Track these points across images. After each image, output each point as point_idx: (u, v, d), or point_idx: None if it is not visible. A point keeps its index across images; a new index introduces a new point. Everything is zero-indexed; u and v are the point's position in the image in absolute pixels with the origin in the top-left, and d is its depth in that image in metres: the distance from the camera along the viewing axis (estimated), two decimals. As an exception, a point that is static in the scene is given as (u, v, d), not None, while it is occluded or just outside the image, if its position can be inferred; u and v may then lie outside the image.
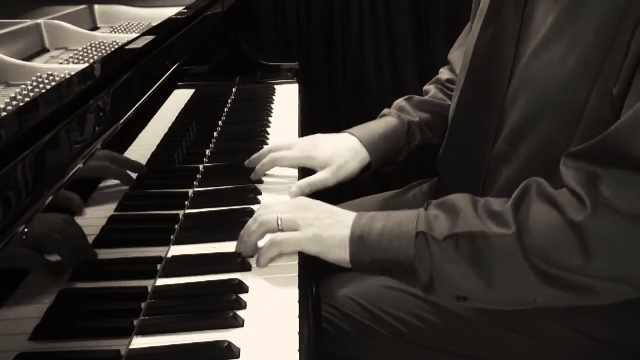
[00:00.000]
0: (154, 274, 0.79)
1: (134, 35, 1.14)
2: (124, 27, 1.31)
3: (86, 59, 1.01)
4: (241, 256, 0.83)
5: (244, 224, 0.85)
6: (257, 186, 1.03)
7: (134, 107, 0.79)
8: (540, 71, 0.83)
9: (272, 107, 1.44)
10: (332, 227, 0.82)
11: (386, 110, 1.16)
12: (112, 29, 1.31)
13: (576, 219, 0.71)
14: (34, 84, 0.83)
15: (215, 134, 1.25)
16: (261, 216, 0.83)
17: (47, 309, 0.58)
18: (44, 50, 1.14)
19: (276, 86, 1.61)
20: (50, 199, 0.55)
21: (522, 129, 0.86)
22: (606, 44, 0.75)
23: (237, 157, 1.11)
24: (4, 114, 0.70)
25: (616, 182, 0.70)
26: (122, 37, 1.16)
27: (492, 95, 0.90)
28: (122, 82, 0.79)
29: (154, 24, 1.17)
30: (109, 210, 0.73)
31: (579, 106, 0.78)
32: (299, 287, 0.78)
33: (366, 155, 1.06)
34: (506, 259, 0.74)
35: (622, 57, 0.74)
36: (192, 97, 1.17)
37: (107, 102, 0.74)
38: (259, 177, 1.05)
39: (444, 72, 1.23)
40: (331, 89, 2.06)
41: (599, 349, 0.88)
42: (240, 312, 0.72)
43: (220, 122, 1.31)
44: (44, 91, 0.79)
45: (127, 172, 0.79)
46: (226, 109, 1.41)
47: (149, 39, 0.97)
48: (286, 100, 1.51)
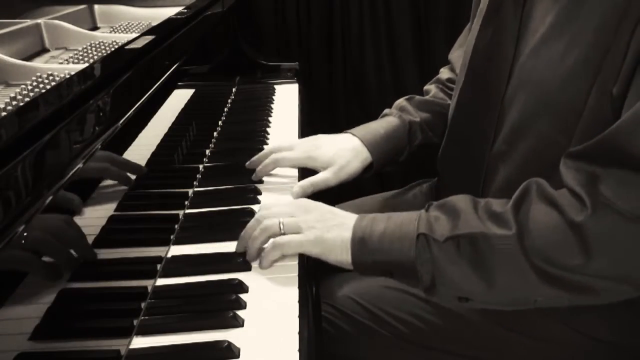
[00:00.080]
0: (154, 274, 0.79)
1: (134, 35, 1.14)
2: (124, 27, 1.31)
3: (86, 59, 1.01)
4: (241, 256, 0.83)
5: (244, 224, 0.85)
6: (257, 186, 1.03)
7: (134, 107, 0.79)
8: (539, 70, 0.83)
9: (272, 107, 1.44)
10: (334, 229, 0.82)
11: (387, 110, 1.16)
12: (112, 29, 1.31)
13: (576, 219, 0.71)
14: (34, 84, 0.83)
15: (215, 134, 1.25)
16: (263, 221, 0.83)
17: (47, 309, 0.58)
18: (44, 50, 1.14)
19: (276, 86, 1.61)
20: (50, 199, 0.55)
21: (521, 129, 0.86)
22: (605, 44, 0.75)
23: (237, 157, 1.11)
24: (4, 114, 0.70)
25: (616, 182, 0.70)
26: (122, 37, 1.16)
27: (491, 94, 0.90)
28: (122, 82, 0.79)
29: (154, 24, 1.17)
30: (109, 210, 0.73)
31: (578, 106, 0.78)
32: (299, 287, 0.78)
33: (368, 155, 1.07)
34: (507, 259, 0.74)
35: (621, 57, 0.74)
36: (192, 97, 1.17)
37: (107, 102, 0.74)
38: (261, 178, 1.05)
39: (444, 72, 1.23)
40: (331, 89, 2.06)
41: (599, 349, 0.88)
42: (240, 312, 0.72)
43: (220, 122, 1.31)
44: (44, 91, 0.79)
45: (126, 173, 0.79)
46: (226, 109, 1.41)
47: (149, 39, 0.97)
48: (286, 100, 1.51)
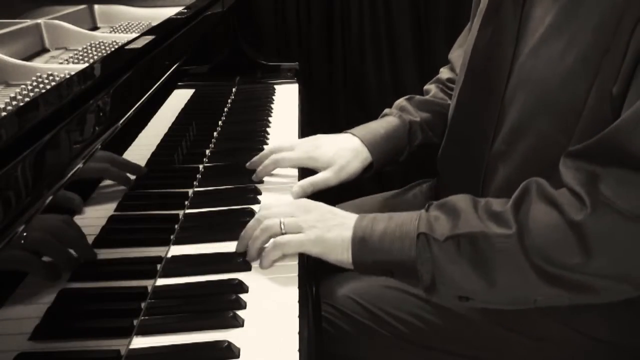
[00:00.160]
0: (154, 274, 0.79)
1: (134, 35, 1.14)
2: (124, 27, 1.31)
3: (86, 59, 1.01)
4: (241, 256, 0.83)
5: (244, 224, 0.85)
6: (257, 186, 1.03)
7: (134, 107, 0.79)
8: (538, 70, 0.83)
9: (272, 107, 1.43)
10: (334, 229, 0.82)
11: (387, 110, 1.16)
12: (112, 29, 1.30)
13: (576, 219, 0.71)
14: (34, 84, 0.83)
15: (215, 134, 1.25)
16: (264, 221, 0.83)
17: (47, 309, 0.58)
18: (44, 50, 1.14)
19: (276, 86, 1.61)
20: (50, 199, 0.55)
21: (520, 128, 0.86)
22: (604, 44, 0.75)
23: (237, 157, 1.11)
24: (4, 114, 0.70)
25: (616, 181, 0.70)
26: (122, 37, 1.16)
27: (491, 94, 0.90)
28: (122, 82, 0.79)
29: (154, 24, 1.17)
30: (109, 210, 0.73)
31: (578, 105, 0.78)
32: (299, 287, 0.78)
33: (368, 155, 1.07)
34: (507, 259, 0.74)
35: (621, 56, 0.74)
36: (192, 97, 1.17)
37: (107, 102, 0.73)
38: (261, 179, 1.05)
39: (444, 72, 1.23)
40: (331, 89, 2.06)
41: (599, 349, 0.88)
42: (240, 312, 0.72)
43: (220, 122, 1.31)
44: (44, 91, 0.79)
45: (126, 174, 0.79)
46: (226, 109, 1.41)
47: (149, 39, 0.97)
48: (286, 100, 1.51)
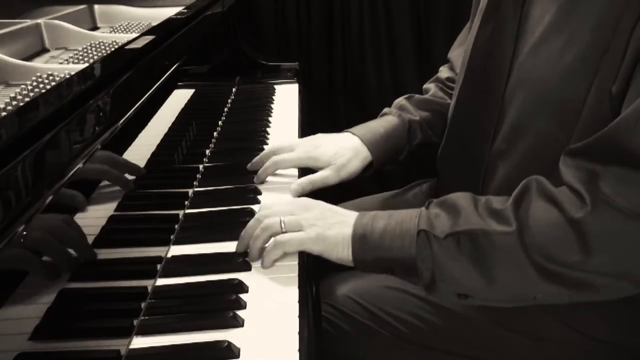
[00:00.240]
0: (154, 274, 0.79)
1: (134, 35, 1.14)
2: (124, 27, 1.31)
3: (86, 59, 1.01)
4: (241, 256, 0.83)
5: (244, 224, 0.85)
6: (257, 186, 1.03)
7: (134, 107, 0.79)
8: (538, 69, 0.83)
9: (272, 107, 1.43)
10: (335, 227, 0.82)
11: (387, 109, 1.16)
12: (112, 29, 1.31)
13: (576, 216, 0.71)
14: (34, 84, 0.83)
15: (215, 134, 1.25)
16: (264, 220, 0.83)
17: (47, 309, 0.58)
18: (44, 50, 1.14)
19: (276, 86, 1.61)
20: (50, 199, 0.55)
21: (520, 127, 0.86)
22: (604, 43, 0.75)
23: (237, 157, 1.11)
24: (4, 114, 0.70)
25: (616, 179, 0.70)
26: (122, 37, 1.16)
27: (490, 93, 0.90)
28: (122, 82, 0.79)
29: (154, 24, 1.17)
30: (109, 210, 0.73)
31: (577, 104, 0.78)
32: (299, 287, 0.78)
33: (368, 154, 1.07)
34: (507, 256, 0.74)
35: (620, 55, 0.74)
36: (192, 97, 1.17)
37: (107, 102, 0.73)
38: (262, 181, 1.04)
39: (443, 71, 1.23)
40: (331, 89, 2.06)
41: (599, 349, 0.88)
42: (240, 312, 0.72)
43: (220, 122, 1.31)
44: (44, 91, 0.79)
45: (125, 177, 0.79)
46: (226, 109, 1.41)
47: (149, 39, 0.97)
48: (286, 100, 1.51)
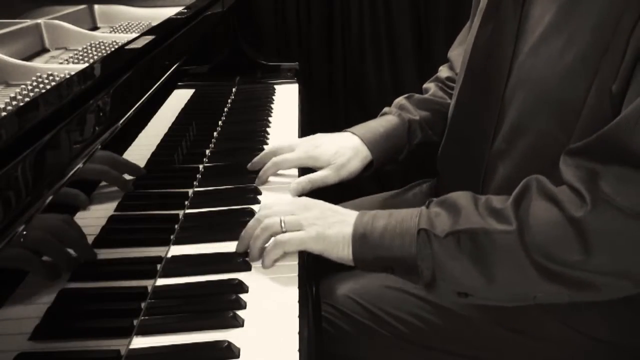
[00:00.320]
0: (154, 274, 0.79)
1: (134, 35, 1.14)
2: (124, 27, 1.31)
3: (86, 59, 1.01)
4: (241, 256, 0.83)
5: (244, 224, 0.85)
6: (257, 186, 1.03)
7: (134, 107, 0.79)
8: (538, 69, 0.83)
9: (272, 107, 1.43)
10: (335, 226, 0.82)
11: (387, 108, 1.16)
12: (112, 29, 1.31)
13: (576, 215, 0.71)
14: (34, 84, 0.83)
15: (215, 134, 1.25)
16: (264, 220, 0.83)
17: (47, 309, 0.58)
18: (44, 50, 1.14)
19: (276, 86, 1.61)
20: (50, 199, 0.55)
21: (520, 127, 0.86)
22: (604, 42, 0.75)
23: (237, 157, 1.11)
24: (4, 114, 0.70)
25: (616, 178, 0.70)
26: (122, 37, 1.16)
27: (490, 93, 0.90)
28: (122, 82, 0.79)
29: (154, 24, 1.17)
30: (109, 210, 0.73)
31: (577, 104, 0.78)
32: (299, 287, 0.78)
33: (368, 154, 1.06)
34: (507, 255, 0.74)
35: (620, 54, 0.74)
36: (192, 97, 1.17)
37: (107, 102, 0.74)
38: (263, 182, 1.04)
39: (443, 70, 1.23)
40: (331, 89, 2.06)
41: (599, 349, 0.88)
42: (240, 312, 0.72)
43: (220, 122, 1.31)
44: (44, 91, 0.79)
45: (124, 178, 0.79)
46: (226, 109, 1.41)
47: (149, 39, 0.97)
48: (286, 100, 1.51)
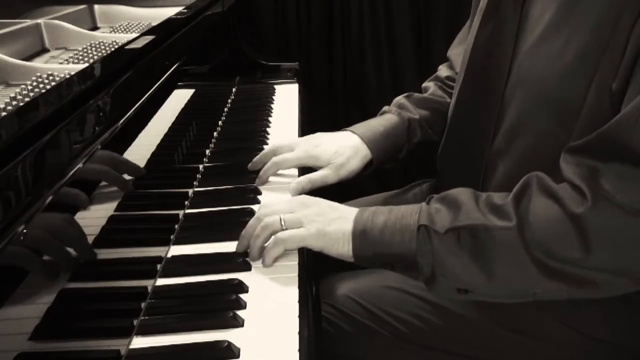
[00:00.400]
0: (154, 274, 0.79)
1: (134, 35, 1.14)
2: (124, 27, 1.31)
3: (86, 59, 1.01)
4: (241, 256, 0.83)
5: (244, 224, 0.85)
6: (257, 186, 1.03)
7: (134, 107, 0.79)
8: (537, 68, 0.83)
9: (272, 107, 1.43)
10: (335, 222, 0.82)
11: (386, 107, 1.16)
12: (112, 29, 1.31)
13: (576, 211, 0.71)
14: (34, 84, 0.83)
15: (215, 134, 1.25)
16: (264, 218, 0.83)
17: (47, 309, 0.57)
18: (44, 50, 1.14)
19: (276, 86, 1.61)
20: (50, 199, 0.55)
21: (520, 126, 0.86)
22: (603, 41, 0.75)
23: (237, 157, 1.11)
24: (4, 114, 0.70)
25: (616, 176, 0.70)
26: (122, 37, 1.16)
27: (490, 92, 0.90)
28: (122, 82, 0.79)
29: (154, 24, 1.17)
30: (109, 210, 0.73)
31: (577, 102, 0.78)
32: (299, 287, 0.78)
33: (367, 152, 1.07)
34: (507, 251, 0.74)
35: (620, 53, 0.74)
36: (192, 97, 1.17)
37: (107, 102, 0.74)
38: (264, 182, 1.04)
39: (443, 70, 1.23)
40: (331, 89, 2.06)
41: (599, 349, 0.88)
42: (240, 312, 0.72)
43: (220, 122, 1.31)
44: (44, 91, 0.79)
45: (124, 178, 0.79)
46: (226, 109, 1.41)
47: (149, 39, 0.97)
48: (286, 100, 1.51)
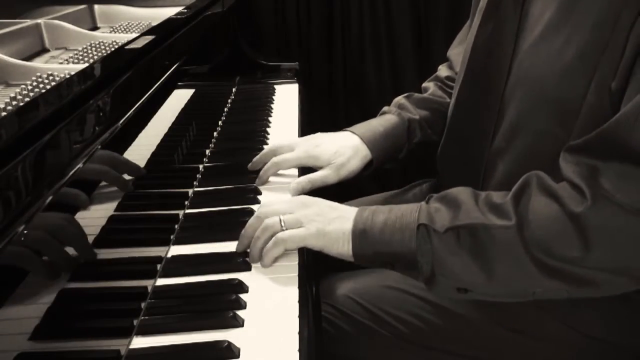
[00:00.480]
0: (154, 274, 0.79)
1: (134, 35, 1.14)
2: (124, 27, 1.31)
3: (86, 59, 1.01)
4: (241, 256, 0.83)
5: (244, 224, 0.85)
6: (257, 186, 1.03)
7: (134, 107, 0.79)
8: (537, 67, 0.83)
9: (272, 107, 1.44)
10: (335, 222, 0.82)
11: (386, 107, 1.16)
12: (112, 29, 1.31)
13: (576, 210, 0.71)
14: (34, 84, 0.83)
15: (215, 134, 1.25)
16: (264, 219, 0.83)
17: (47, 309, 0.58)
18: (44, 50, 1.14)
19: (276, 86, 1.61)
20: (50, 199, 0.55)
21: (519, 125, 0.86)
22: (603, 41, 0.75)
23: (237, 157, 1.11)
24: (4, 114, 0.70)
25: (616, 175, 0.70)
26: (122, 37, 1.16)
27: (490, 92, 0.90)
28: (122, 82, 0.79)
29: (154, 24, 1.17)
30: (109, 210, 0.73)
31: (576, 101, 0.78)
32: (299, 287, 0.78)
33: (367, 153, 1.06)
34: (507, 250, 0.74)
35: (620, 52, 0.74)
36: (192, 97, 1.17)
37: (107, 102, 0.74)
38: (264, 183, 1.04)
39: (442, 70, 1.23)
40: (331, 89, 2.06)
41: (599, 349, 0.88)
42: (240, 312, 0.72)
43: (220, 122, 1.31)
44: (44, 91, 0.79)
45: (124, 178, 0.79)
46: (226, 109, 1.41)
47: (149, 39, 0.97)
48: (286, 100, 1.51)
